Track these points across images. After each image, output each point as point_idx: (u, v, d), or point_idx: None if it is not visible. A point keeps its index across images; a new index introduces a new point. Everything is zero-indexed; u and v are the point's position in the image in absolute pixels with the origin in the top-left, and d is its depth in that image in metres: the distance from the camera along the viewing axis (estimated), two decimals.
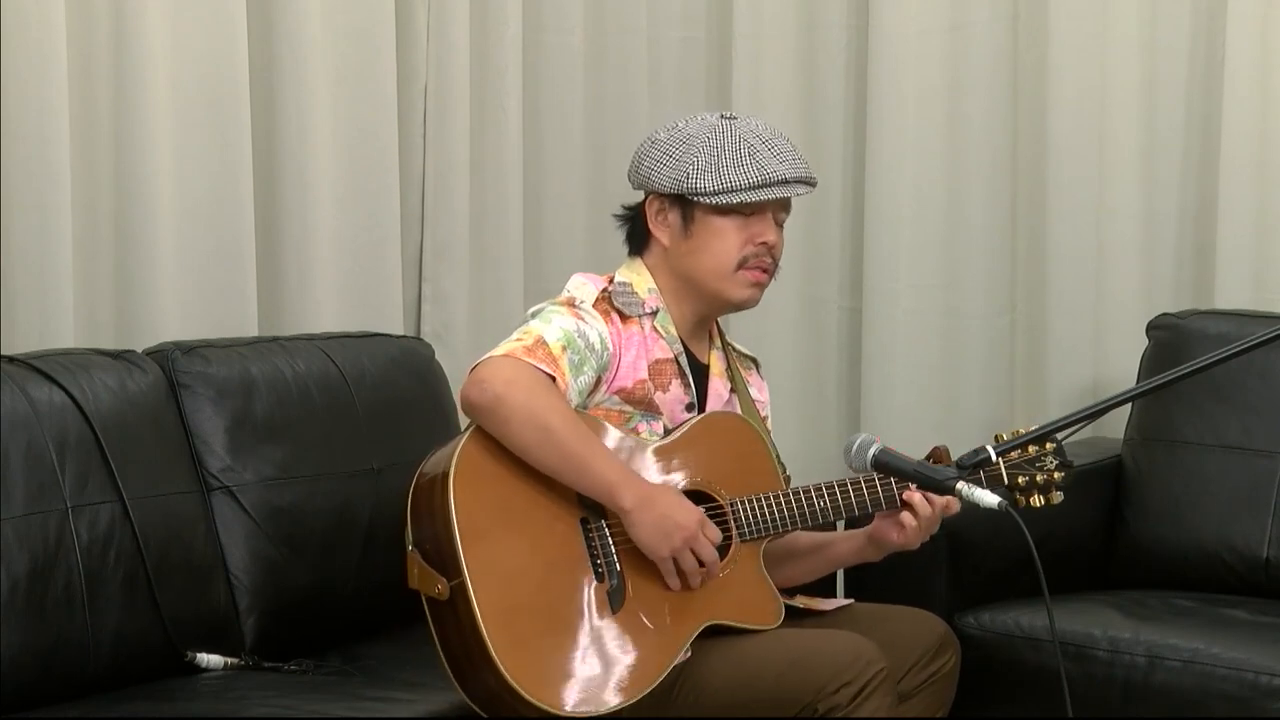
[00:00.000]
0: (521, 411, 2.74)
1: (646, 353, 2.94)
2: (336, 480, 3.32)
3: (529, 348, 2.80)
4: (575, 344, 2.84)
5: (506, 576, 2.73)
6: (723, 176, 2.90)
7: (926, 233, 4.34)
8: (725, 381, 3.05)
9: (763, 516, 2.90)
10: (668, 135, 2.98)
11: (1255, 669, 3.22)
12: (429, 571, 2.74)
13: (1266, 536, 3.66)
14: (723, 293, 2.98)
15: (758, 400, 3.12)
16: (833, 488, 2.93)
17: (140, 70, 3.41)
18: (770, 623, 2.89)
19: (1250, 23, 4.05)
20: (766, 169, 2.92)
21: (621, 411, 2.92)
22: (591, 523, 2.81)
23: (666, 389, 2.95)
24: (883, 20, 4.28)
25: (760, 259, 2.97)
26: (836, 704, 2.71)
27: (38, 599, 2.83)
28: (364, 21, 3.78)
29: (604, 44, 4.25)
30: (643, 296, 2.97)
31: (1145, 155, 4.20)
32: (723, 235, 2.94)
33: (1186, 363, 2.82)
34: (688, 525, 2.78)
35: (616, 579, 2.80)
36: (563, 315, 2.87)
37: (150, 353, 3.24)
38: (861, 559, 3.05)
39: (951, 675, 2.99)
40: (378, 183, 3.82)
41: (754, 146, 2.93)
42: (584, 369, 2.85)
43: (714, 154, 2.92)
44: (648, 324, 2.96)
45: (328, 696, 2.93)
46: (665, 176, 2.94)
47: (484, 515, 2.74)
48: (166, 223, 3.47)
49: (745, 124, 2.97)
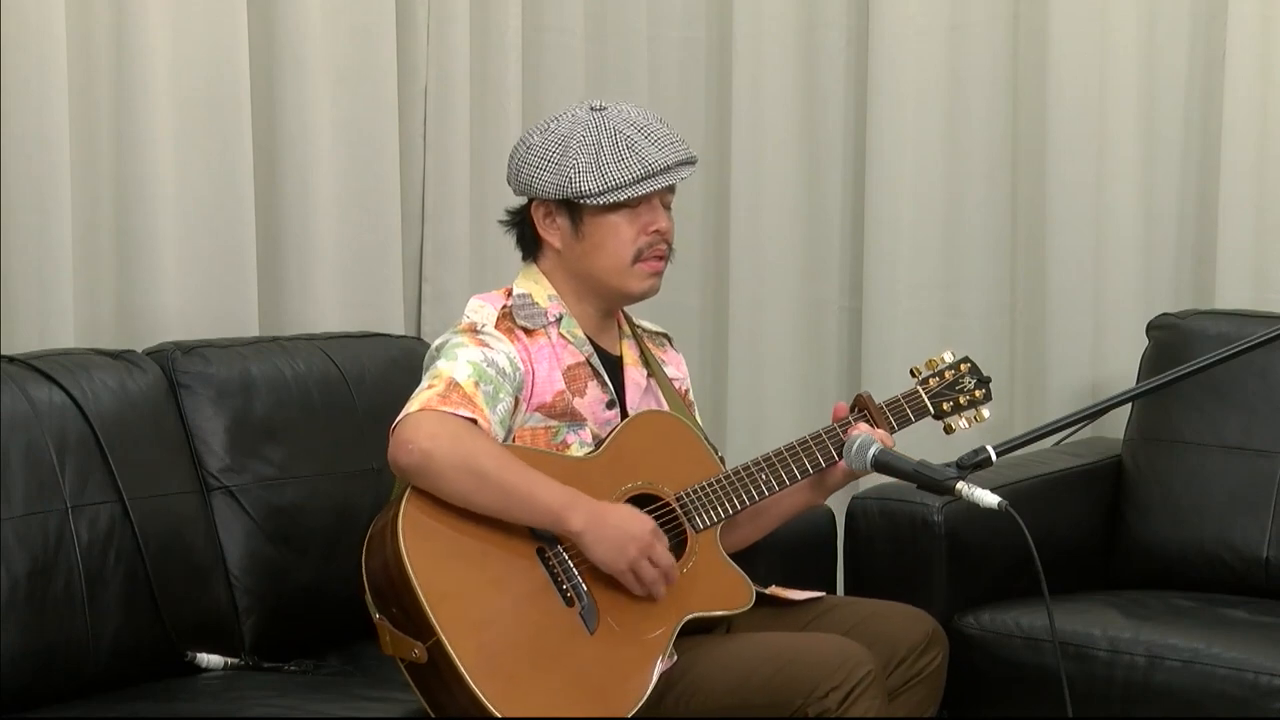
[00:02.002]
0: (452, 462, 2.72)
1: (558, 362, 2.93)
2: (336, 480, 3.32)
3: (442, 395, 2.77)
4: (486, 374, 2.81)
5: (480, 624, 2.70)
6: (605, 175, 2.88)
7: (926, 233, 4.34)
8: (640, 369, 3.04)
9: (710, 504, 2.91)
10: (542, 138, 2.95)
11: (1255, 669, 3.22)
12: (402, 638, 2.71)
13: (1266, 536, 3.66)
14: (623, 287, 2.97)
15: (674, 378, 3.12)
16: (770, 459, 2.94)
17: (140, 70, 3.41)
18: (744, 604, 2.90)
19: (1250, 23, 4.05)
20: (647, 159, 2.90)
21: (547, 428, 2.91)
22: (548, 550, 2.79)
23: (584, 393, 2.94)
24: (883, 20, 4.28)
25: (655, 248, 2.95)
26: (826, 707, 2.70)
27: (38, 599, 2.83)
28: (364, 21, 3.78)
29: (604, 44, 4.26)
30: (544, 306, 2.95)
31: (1145, 155, 4.20)
32: (615, 231, 2.93)
33: (1186, 363, 2.82)
34: (641, 535, 2.77)
35: (586, 599, 2.79)
36: (467, 347, 2.85)
37: (150, 353, 3.24)
38: (810, 504, 3.09)
39: (940, 672, 2.98)
40: (378, 183, 3.82)
41: (630, 137, 2.91)
42: (500, 397, 2.82)
43: (592, 152, 2.89)
44: (554, 332, 2.94)
45: (328, 696, 2.93)
46: (547, 182, 2.92)
47: (442, 569, 2.71)
48: (166, 223, 3.47)
49: (617, 113, 2.94)
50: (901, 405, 3.07)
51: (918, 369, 3.10)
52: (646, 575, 2.78)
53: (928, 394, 3.07)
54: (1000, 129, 4.32)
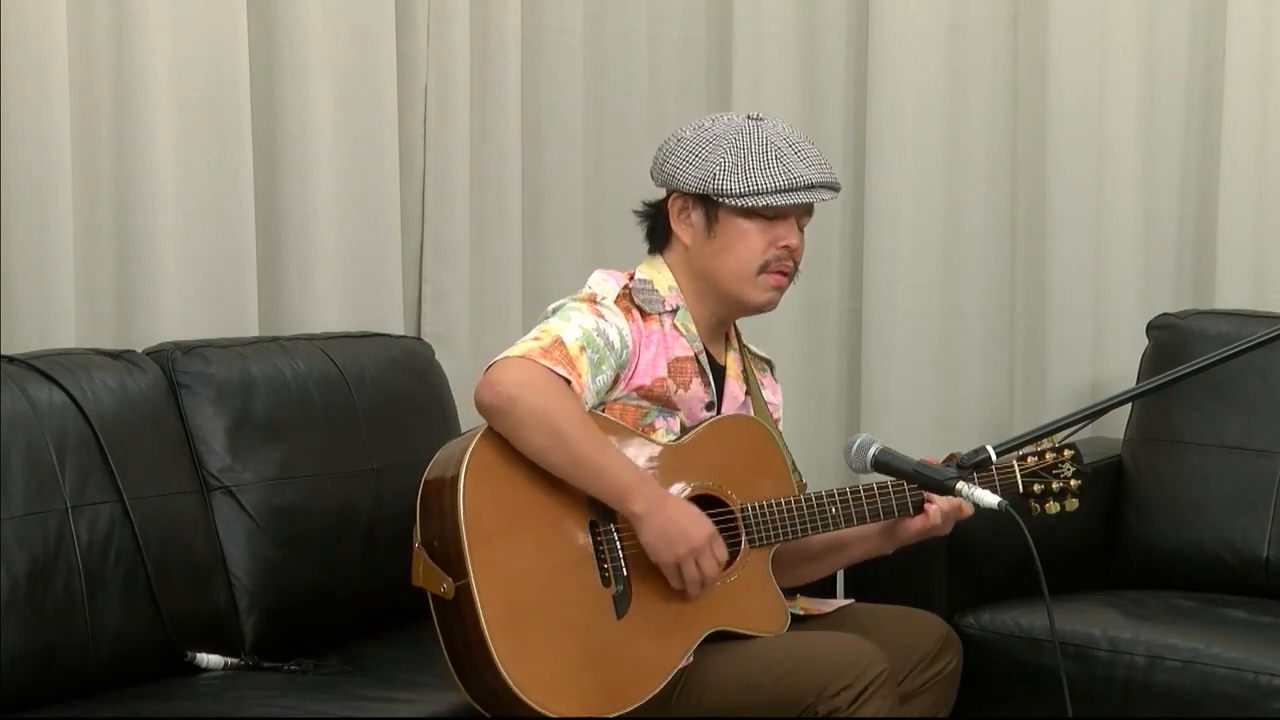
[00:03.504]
0: (534, 415, 2.73)
1: (666, 350, 2.93)
2: (336, 480, 3.32)
3: (546, 349, 2.78)
4: (594, 343, 2.83)
5: (512, 579, 2.72)
6: (750, 178, 2.90)
7: (926, 232, 4.34)
8: (741, 384, 3.05)
9: (773, 522, 2.90)
10: (694, 134, 2.96)
11: (1255, 669, 3.22)
12: (434, 570, 2.73)
13: (1266, 536, 3.66)
14: (743, 295, 2.97)
15: (770, 403, 3.12)
16: (845, 494, 2.92)
17: (140, 70, 3.41)
18: (775, 629, 2.89)
19: (1250, 23, 4.05)
20: (793, 173, 2.91)
21: (638, 407, 2.91)
22: (600, 526, 2.81)
23: (687, 387, 2.94)
24: (883, 20, 4.28)
25: (782, 263, 2.96)
26: (837, 706, 2.71)
27: (38, 599, 2.83)
28: (364, 21, 3.77)
29: (604, 44, 4.25)
30: (663, 294, 2.96)
31: (1145, 155, 4.20)
32: (746, 238, 2.94)
33: (1186, 363, 2.82)
34: (697, 538, 2.77)
35: (622, 584, 2.79)
36: (583, 313, 2.86)
37: (150, 353, 3.24)
38: (878, 553, 3.05)
39: (953, 677, 2.99)
40: (378, 183, 3.82)
41: (780, 149, 2.92)
42: (602, 368, 2.84)
43: (740, 155, 2.91)
44: (668, 321, 2.95)
45: (328, 696, 2.93)
46: (690, 176, 2.93)
47: (493, 517, 2.73)
48: (167, 222, 3.47)
49: (772, 126, 2.96)
50: (992, 477, 2.97)
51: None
52: (689, 574, 2.79)
53: (1022, 471, 2.99)
54: (1000, 129, 4.32)
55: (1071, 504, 3.02)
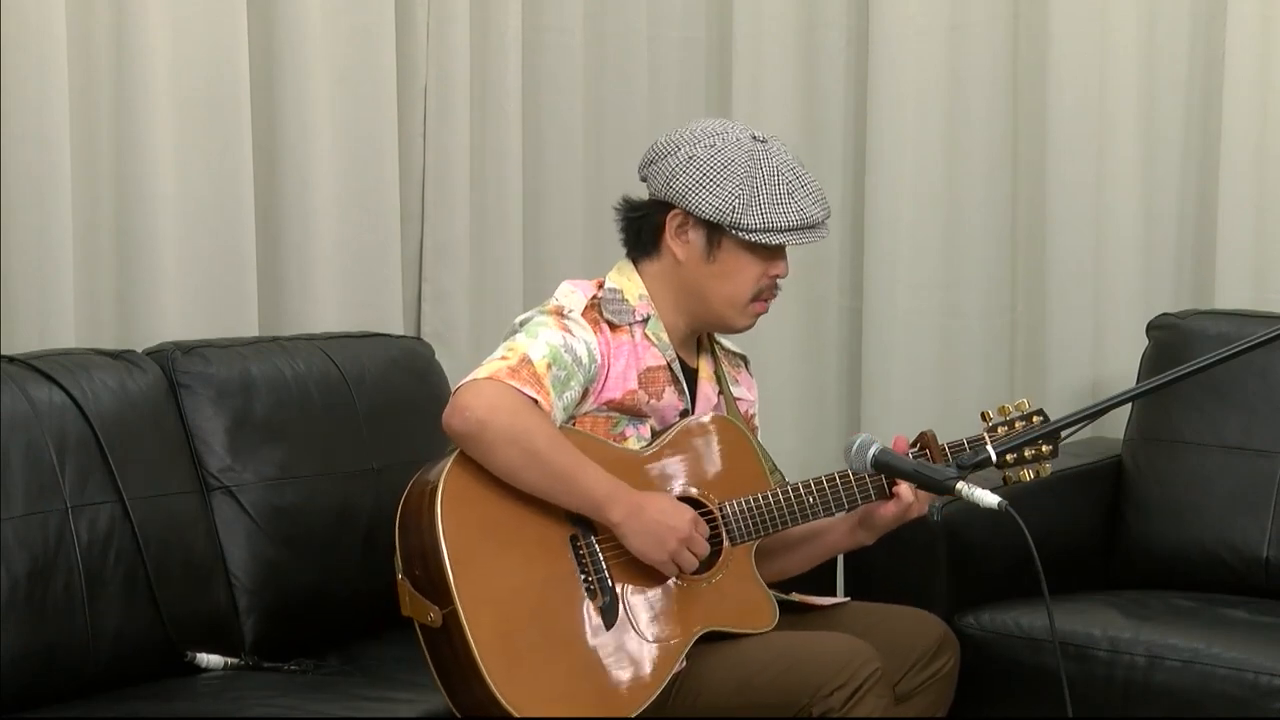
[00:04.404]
0: (505, 436, 2.73)
1: (637, 361, 2.93)
2: (336, 480, 3.32)
3: (513, 368, 2.78)
4: (561, 359, 2.82)
5: (498, 600, 2.72)
6: (765, 215, 2.88)
7: (926, 232, 4.34)
8: (714, 385, 3.05)
9: (752, 518, 2.90)
10: (706, 154, 2.90)
11: (1255, 669, 3.22)
12: (420, 600, 2.72)
13: (1266, 536, 3.66)
14: (727, 318, 2.98)
15: (743, 399, 3.12)
16: (820, 483, 2.92)
17: (140, 70, 3.41)
18: (765, 625, 2.89)
19: (1250, 23, 4.05)
20: (805, 211, 2.90)
21: (609, 418, 2.91)
22: (581, 539, 2.81)
23: (660, 397, 2.94)
24: (882, 20, 4.28)
25: (771, 291, 2.98)
26: (831, 706, 2.71)
27: (38, 599, 2.83)
28: (364, 21, 3.78)
29: (604, 44, 4.25)
30: (633, 304, 2.95)
31: (1145, 155, 4.19)
32: (746, 269, 2.93)
33: (1186, 363, 2.81)
34: (680, 526, 2.79)
35: (609, 595, 2.79)
36: (550, 328, 2.85)
37: (150, 353, 3.24)
38: (855, 544, 3.04)
39: (950, 676, 2.99)
40: (378, 183, 3.82)
41: (791, 184, 2.91)
42: (570, 384, 2.83)
43: (755, 188, 2.89)
44: (638, 331, 2.94)
45: (328, 696, 2.93)
46: (705, 202, 2.89)
47: (472, 539, 2.73)
48: (166, 222, 3.47)
49: (778, 154, 2.93)
50: (965, 449, 2.97)
51: (988, 414, 2.99)
52: (686, 564, 2.80)
53: (994, 443, 2.97)
54: (1000, 129, 4.32)
55: (1045, 469, 3.01)
